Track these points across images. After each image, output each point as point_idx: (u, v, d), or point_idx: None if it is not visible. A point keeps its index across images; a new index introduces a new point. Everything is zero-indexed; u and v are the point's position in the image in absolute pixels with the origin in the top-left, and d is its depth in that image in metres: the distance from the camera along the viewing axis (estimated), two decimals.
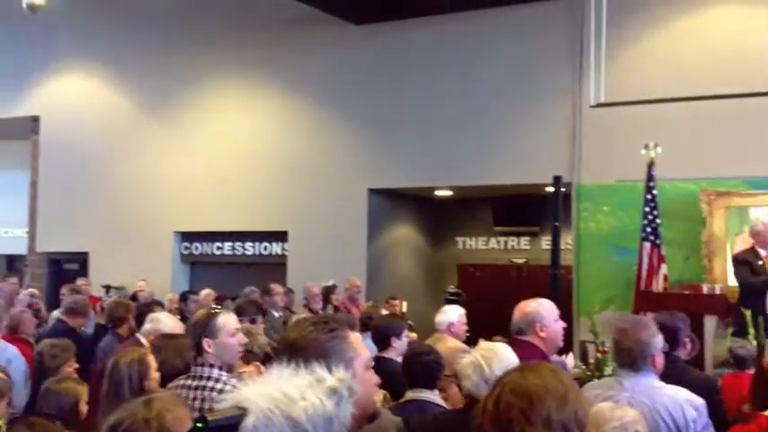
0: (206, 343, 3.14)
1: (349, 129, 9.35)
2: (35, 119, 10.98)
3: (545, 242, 9.51)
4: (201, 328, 3.18)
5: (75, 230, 10.60)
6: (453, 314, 5.03)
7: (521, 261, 10.18)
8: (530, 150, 8.27)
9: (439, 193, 9.81)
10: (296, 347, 1.78)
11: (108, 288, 9.57)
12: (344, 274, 8.57)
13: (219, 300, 8.17)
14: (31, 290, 8.54)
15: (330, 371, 1.46)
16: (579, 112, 7.93)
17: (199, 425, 1.40)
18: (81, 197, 10.57)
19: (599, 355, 5.01)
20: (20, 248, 11.77)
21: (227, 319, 3.27)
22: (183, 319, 7.42)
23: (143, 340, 4.47)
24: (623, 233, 7.37)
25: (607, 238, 7.57)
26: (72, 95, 10.82)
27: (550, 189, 7.70)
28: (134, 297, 8.45)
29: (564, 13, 8.16)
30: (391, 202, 9.67)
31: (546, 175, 7.66)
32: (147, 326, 4.62)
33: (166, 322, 4.62)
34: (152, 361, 3.66)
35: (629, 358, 2.89)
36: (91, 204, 10.51)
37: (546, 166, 7.85)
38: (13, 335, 5.87)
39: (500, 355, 2.80)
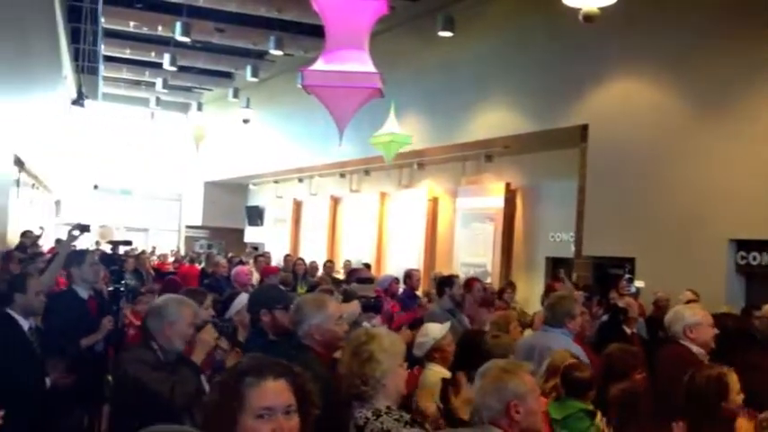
0: None
1: None
2: (584, 127, 11.31)
3: None
4: None
5: (621, 235, 10.54)
6: None
7: None
8: None
9: None
10: None
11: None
12: None
13: None
14: (582, 292, 8.76)
15: None
16: None
17: None
18: (628, 202, 10.46)
19: None
20: (566, 252, 12.35)
21: None
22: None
23: None
24: None
25: None
26: (619, 100, 10.82)
27: None
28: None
29: None
30: None
31: None
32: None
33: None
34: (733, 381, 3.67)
35: None
36: (638, 209, 10.31)
37: None
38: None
39: None
